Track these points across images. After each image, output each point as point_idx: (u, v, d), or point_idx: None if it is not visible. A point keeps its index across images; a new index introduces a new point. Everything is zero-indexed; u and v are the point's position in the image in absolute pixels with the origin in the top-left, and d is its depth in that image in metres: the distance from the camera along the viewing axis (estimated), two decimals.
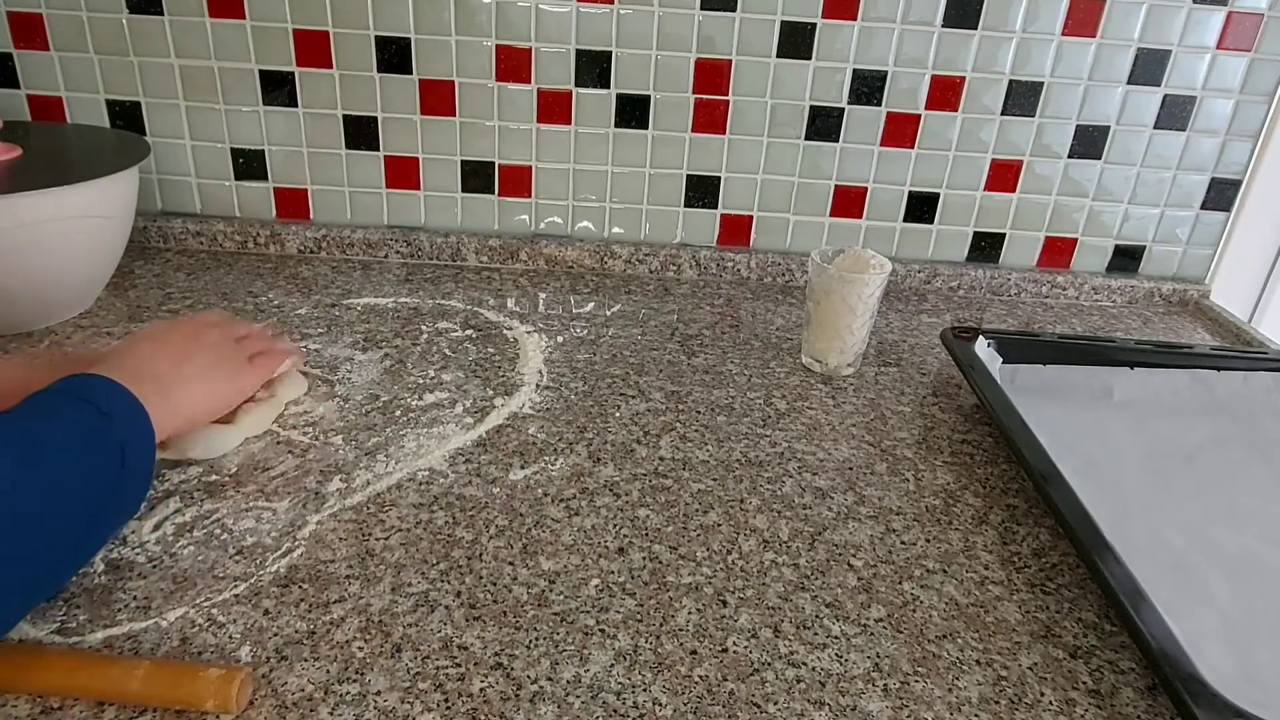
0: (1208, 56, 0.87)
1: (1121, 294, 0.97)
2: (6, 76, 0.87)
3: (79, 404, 0.44)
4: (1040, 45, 0.87)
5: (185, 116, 0.89)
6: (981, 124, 0.90)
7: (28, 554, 0.39)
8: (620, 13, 0.85)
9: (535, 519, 0.53)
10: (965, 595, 0.50)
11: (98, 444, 0.44)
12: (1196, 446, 0.66)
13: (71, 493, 0.42)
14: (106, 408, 0.45)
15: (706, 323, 0.84)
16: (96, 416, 0.44)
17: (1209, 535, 0.55)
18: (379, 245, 0.93)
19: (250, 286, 0.84)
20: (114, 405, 0.46)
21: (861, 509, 0.57)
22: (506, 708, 0.40)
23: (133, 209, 0.78)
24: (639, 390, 0.70)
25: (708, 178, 0.93)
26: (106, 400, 0.46)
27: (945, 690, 0.43)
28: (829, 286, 0.70)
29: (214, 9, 0.85)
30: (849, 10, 0.85)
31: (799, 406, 0.69)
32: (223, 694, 0.39)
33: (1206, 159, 0.92)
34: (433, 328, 0.78)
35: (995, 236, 0.96)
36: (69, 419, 0.44)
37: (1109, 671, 0.45)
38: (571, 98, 0.89)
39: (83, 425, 0.44)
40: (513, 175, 0.93)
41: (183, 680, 0.39)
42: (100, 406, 0.45)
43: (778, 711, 0.41)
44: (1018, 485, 0.61)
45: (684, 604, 0.47)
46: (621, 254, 0.94)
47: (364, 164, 0.92)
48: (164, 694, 0.39)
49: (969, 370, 0.68)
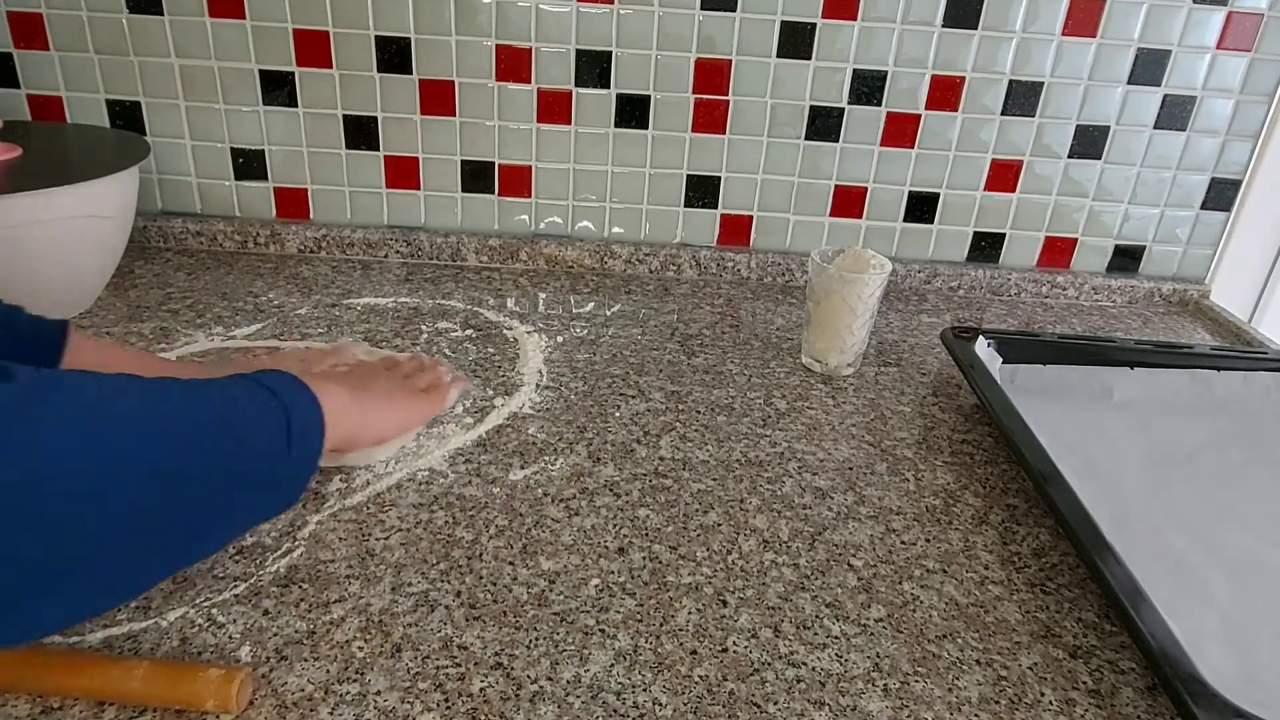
0: (1208, 56, 0.87)
1: (1121, 294, 0.97)
2: (6, 76, 0.87)
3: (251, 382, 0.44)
4: (1040, 45, 0.87)
5: (185, 116, 0.89)
6: (981, 124, 0.90)
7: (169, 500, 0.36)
8: (620, 13, 0.85)
9: (535, 519, 0.53)
10: (965, 595, 0.50)
11: (264, 409, 0.42)
12: (1196, 446, 0.66)
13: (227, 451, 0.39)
14: (278, 389, 0.44)
15: (706, 323, 0.84)
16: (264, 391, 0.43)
17: (1209, 535, 0.55)
18: (379, 245, 0.93)
19: (250, 286, 0.84)
20: (285, 389, 0.45)
21: (861, 509, 0.57)
22: (506, 708, 0.40)
23: (133, 209, 0.78)
24: (639, 390, 0.70)
25: (708, 178, 0.93)
26: (278, 384, 0.45)
27: (945, 690, 0.43)
28: (829, 286, 0.70)
29: (214, 9, 0.85)
30: (849, 10, 0.85)
31: (799, 406, 0.69)
32: (223, 694, 0.39)
33: (1206, 159, 0.92)
34: (433, 328, 0.78)
35: (995, 236, 0.96)
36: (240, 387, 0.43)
37: (1109, 671, 0.45)
38: (571, 98, 0.89)
39: (250, 393, 0.43)
40: (513, 175, 0.93)
41: (183, 680, 0.39)
42: (272, 388, 0.44)
43: (778, 711, 0.41)
44: (1018, 485, 0.61)
45: (684, 604, 0.47)
46: (621, 254, 0.94)
47: (364, 164, 0.92)
48: (164, 694, 0.39)
49: (969, 370, 0.68)
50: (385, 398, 0.58)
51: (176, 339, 0.73)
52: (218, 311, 0.78)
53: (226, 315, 0.78)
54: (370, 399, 0.56)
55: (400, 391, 0.61)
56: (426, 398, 0.62)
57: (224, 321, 0.76)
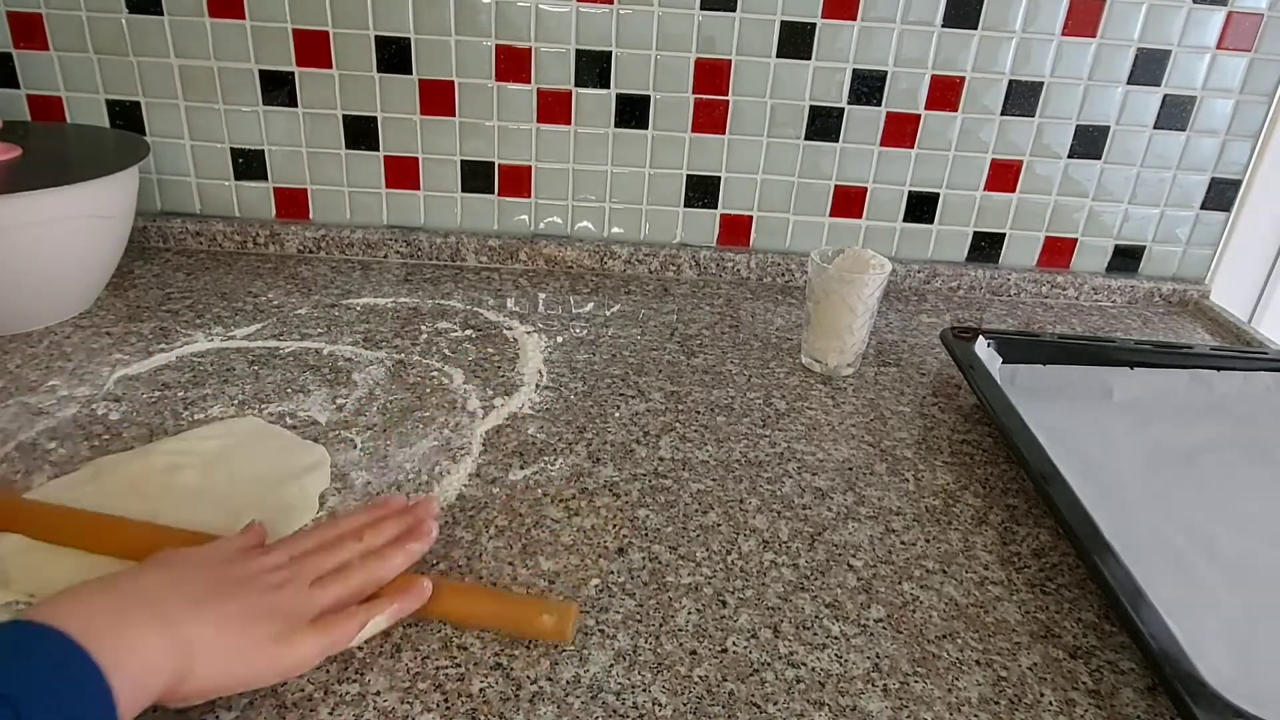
0: (1208, 56, 0.87)
1: (1121, 294, 0.97)
2: (6, 76, 0.87)
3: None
4: (1040, 45, 0.87)
5: (185, 116, 0.89)
6: (981, 124, 0.90)
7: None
8: (620, 13, 0.85)
9: (535, 519, 0.53)
10: (965, 595, 0.50)
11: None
12: (1196, 446, 0.66)
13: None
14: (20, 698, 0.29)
15: (706, 323, 0.84)
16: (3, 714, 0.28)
17: (1209, 535, 0.55)
18: (379, 245, 0.93)
19: (250, 286, 0.84)
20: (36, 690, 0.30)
21: (861, 509, 0.57)
22: (506, 708, 0.40)
23: (132, 209, 0.78)
24: (639, 390, 0.70)
25: (708, 178, 0.93)
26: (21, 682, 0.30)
27: (945, 690, 0.43)
28: (829, 286, 0.70)
29: (214, 9, 0.85)
30: (849, 10, 0.85)
31: (799, 406, 0.69)
32: (562, 622, 0.43)
33: (1206, 159, 0.92)
34: (432, 328, 0.78)
35: (995, 236, 0.96)
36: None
37: (1109, 671, 0.45)
38: (571, 98, 0.89)
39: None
40: (513, 175, 0.92)
41: (529, 608, 0.44)
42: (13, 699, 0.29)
43: (777, 711, 0.41)
44: (1018, 485, 0.61)
45: (684, 604, 0.47)
46: (621, 254, 0.94)
47: (364, 164, 0.92)
48: (513, 617, 0.44)
49: (969, 370, 0.68)
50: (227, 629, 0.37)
51: (176, 339, 0.73)
52: (217, 311, 0.78)
53: (226, 315, 0.78)
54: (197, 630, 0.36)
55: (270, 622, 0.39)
56: (310, 634, 0.39)
57: (224, 321, 0.76)
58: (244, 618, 0.38)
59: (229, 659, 0.37)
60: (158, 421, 0.61)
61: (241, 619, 0.38)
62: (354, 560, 0.44)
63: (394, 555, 0.45)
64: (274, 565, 0.42)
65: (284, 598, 0.40)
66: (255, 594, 0.39)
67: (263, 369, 0.69)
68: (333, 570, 0.43)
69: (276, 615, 0.39)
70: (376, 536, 0.45)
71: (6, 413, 0.61)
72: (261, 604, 0.39)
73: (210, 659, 0.36)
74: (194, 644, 0.36)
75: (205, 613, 0.37)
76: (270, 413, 0.63)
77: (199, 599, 0.38)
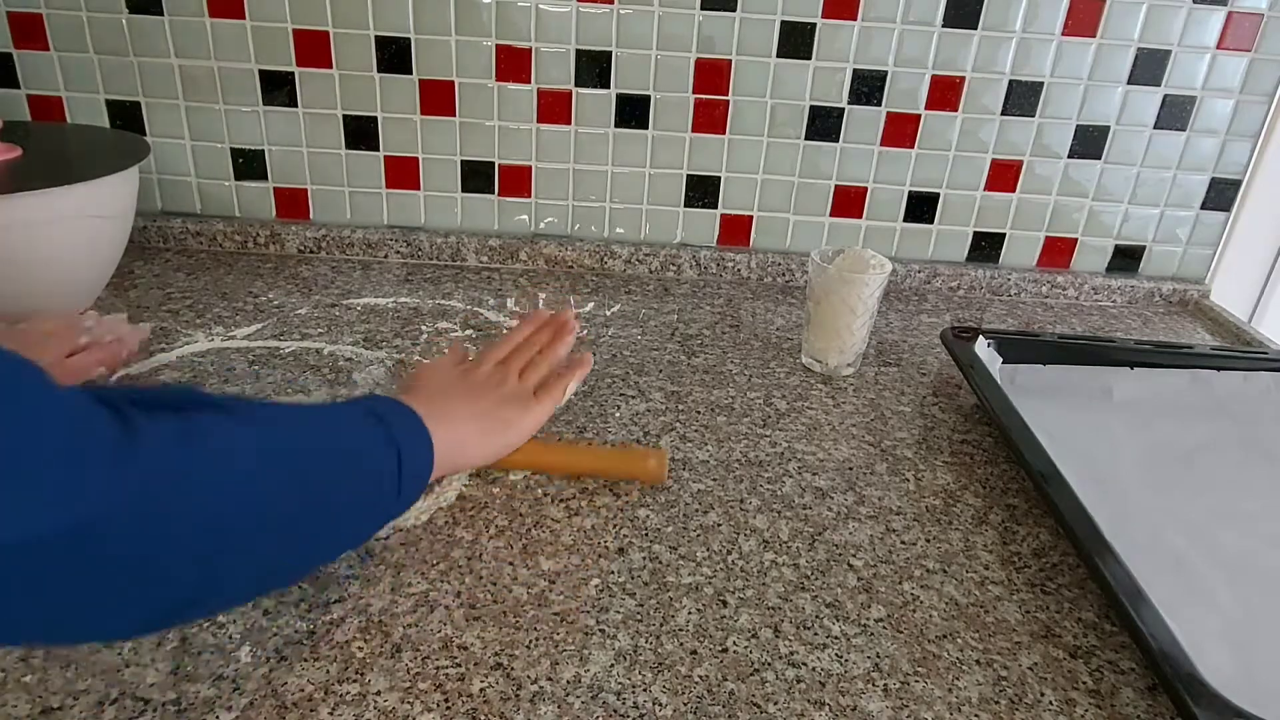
0: (1208, 56, 0.87)
1: (1121, 294, 0.97)
2: (6, 76, 0.87)
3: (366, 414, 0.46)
4: (1040, 45, 0.87)
5: (185, 116, 0.89)
6: (981, 124, 0.90)
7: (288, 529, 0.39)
8: (620, 13, 0.85)
9: (535, 519, 0.53)
10: (965, 595, 0.50)
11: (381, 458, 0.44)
12: (1196, 446, 0.66)
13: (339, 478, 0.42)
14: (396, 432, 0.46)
15: (706, 323, 0.84)
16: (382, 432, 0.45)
17: (1209, 535, 0.55)
18: (379, 245, 0.93)
19: (250, 286, 0.84)
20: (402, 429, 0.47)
21: (861, 509, 0.57)
22: (506, 708, 0.40)
23: (133, 209, 0.78)
24: (639, 390, 0.70)
25: (708, 178, 0.93)
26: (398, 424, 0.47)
27: (945, 690, 0.43)
28: (829, 286, 0.70)
29: (214, 9, 0.85)
30: (849, 10, 0.85)
31: (799, 406, 0.69)
32: (659, 466, 0.56)
33: (1206, 159, 0.92)
34: (433, 328, 0.78)
35: (995, 236, 0.96)
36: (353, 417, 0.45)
37: (1109, 671, 0.45)
38: (571, 98, 0.89)
39: (366, 428, 0.45)
40: (513, 175, 0.93)
41: (633, 457, 0.57)
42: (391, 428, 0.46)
43: (778, 711, 0.41)
44: (1018, 485, 0.61)
45: (684, 604, 0.47)
46: (621, 254, 0.94)
47: (364, 164, 0.92)
48: (618, 466, 0.57)
49: (969, 370, 0.68)
50: (493, 420, 0.54)
51: (176, 339, 0.73)
52: (218, 311, 0.78)
53: (226, 315, 0.78)
54: (479, 424, 0.54)
55: (510, 407, 0.56)
56: (538, 404, 0.57)
57: (224, 321, 0.76)
58: (494, 408, 0.55)
59: (492, 435, 0.54)
60: None
61: (493, 410, 0.55)
62: (535, 356, 0.61)
63: (559, 345, 0.62)
64: (491, 371, 0.58)
65: (509, 389, 0.57)
66: (492, 390, 0.56)
67: (263, 369, 0.69)
68: (527, 364, 0.60)
69: (511, 400, 0.56)
70: (541, 337, 0.63)
71: None
72: (501, 395, 0.56)
73: (478, 439, 0.53)
74: (467, 434, 0.53)
75: (470, 411, 0.54)
76: None
77: (466, 399, 0.54)
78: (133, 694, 0.40)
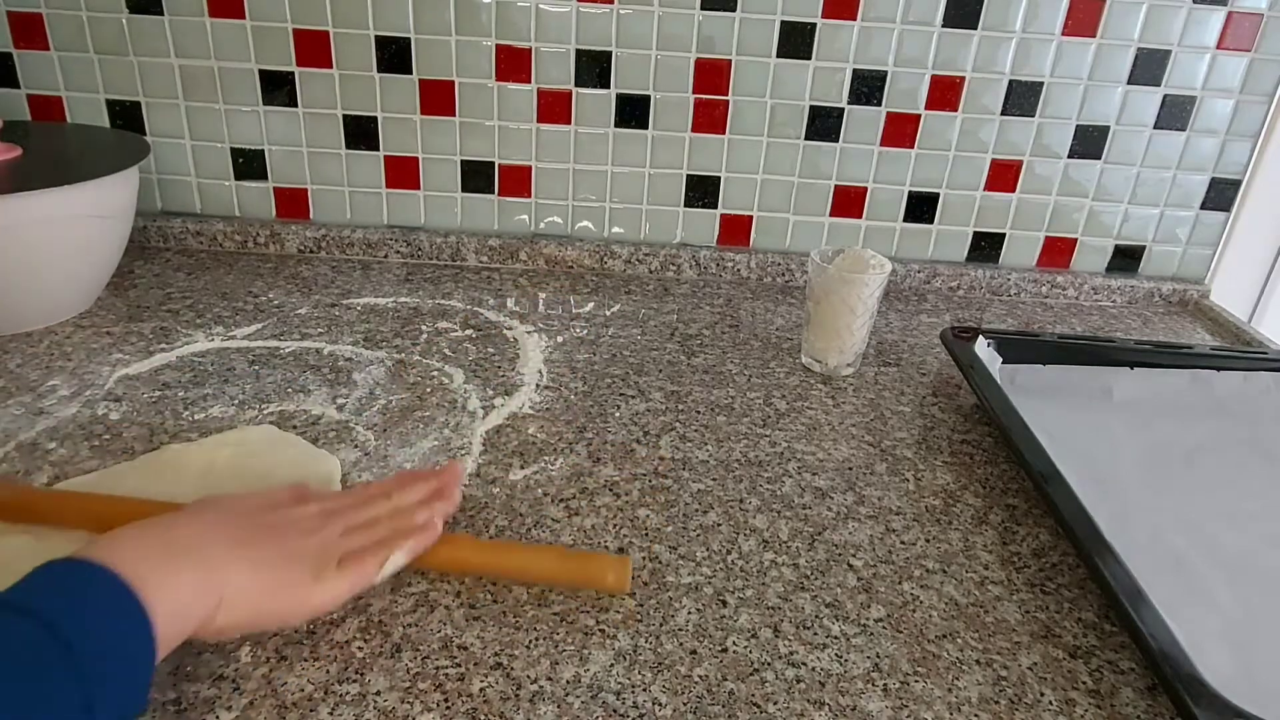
0: (1208, 56, 0.87)
1: (1121, 294, 0.97)
2: (6, 76, 0.87)
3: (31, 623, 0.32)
4: (1040, 45, 0.87)
5: (185, 116, 0.89)
6: (981, 124, 0.90)
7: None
8: (620, 13, 0.85)
9: (535, 519, 0.53)
10: (965, 595, 0.50)
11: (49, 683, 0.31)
12: (1196, 446, 0.66)
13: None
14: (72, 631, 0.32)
15: (706, 323, 0.84)
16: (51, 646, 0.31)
17: (1209, 535, 0.55)
18: (379, 245, 0.93)
19: (250, 286, 0.84)
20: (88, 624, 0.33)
21: (861, 509, 0.57)
22: (506, 708, 0.40)
23: (133, 209, 0.78)
24: (639, 390, 0.70)
25: (708, 178, 0.93)
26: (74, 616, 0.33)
27: (945, 690, 0.43)
28: (829, 286, 0.70)
29: (214, 9, 0.85)
30: (849, 10, 0.85)
31: (799, 406, 0.69)
32: (620, 575, 0.47)
33: (1206, 159, 0.92)
34: (433, 328, 0.78)
35: (995, 236, 0.96)
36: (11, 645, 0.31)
37: (1109, 671, 0.45)
38: (571, 98, 0.89)
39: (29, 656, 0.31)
40: (513, 175, 0.93)
41: (589, 565, 0.47)
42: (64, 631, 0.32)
43: (778, 711, 0.41)
44: (1018, 485, 0.61)
45: (684, 604, 0.47)
46: (621, 254, 0.94)
47: (364, 164, 0.92)
48: (574, 574, 0.47)
49: (969, 370, 0.68)
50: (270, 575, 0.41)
51: (176, 339, 0.73)
52: (218, 311, 0.78)
53: (226, 315, 0.78)
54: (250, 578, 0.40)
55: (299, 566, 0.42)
56: (338, 574, 0.42)
57: (224, 321, 0.76)
58: (276, 560, 0.41)
59: (261, 598, 0.40)
60: (158, 421, 0.61)
61: (274, 562, 0.41)
62: (382, 516, 0.47)
63: (420, 512, 0.48)
64: (308, 515, 0.45)
65: (314, 543, 0.43)
66: (290, 539, 0.43)
67: (263, 369, 0.69)
68: (363, 523, 0.46)
69: (307, 558, 0.42)
70: (405, 496, 0.49)
71: (6, 413, 0.61)
72: (294, 548, 0.42)
73: (244, 598, 0.40)
74: (229, 585, 0.39)
75: (242, 556, 0.40)
76: (270, 412, 0.63)
77: (238, 542, 0.41)
78: None
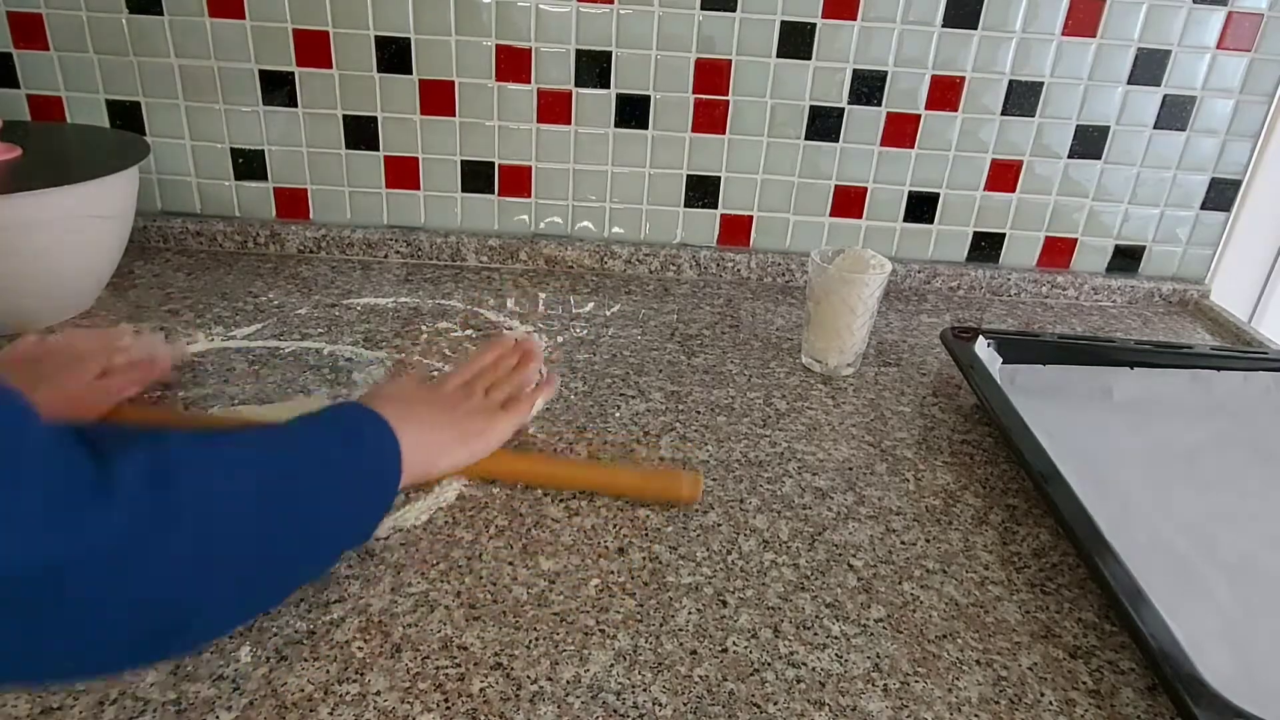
0: (1208, 56, 0.87)
1: (1121, 294, 0.97)
2: (6, 76, 0.87)
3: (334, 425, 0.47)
4: (1040, 45, 0.87)
5: (185, 116, 0.89)
6: (981, 124, 0.90)
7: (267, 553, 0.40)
8: (620, 13, 0.85)
9: (535, 519, 0.53)
10: (965, 595, 0.50)
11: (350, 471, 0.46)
12: (1196, 446, 0.66)
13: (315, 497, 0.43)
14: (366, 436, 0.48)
15: (706, 323, 0.84)
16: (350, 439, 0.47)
17: (1209, 535, 0.55)
18: (379, 245, 0.93)
19: (250, 286, 0.84)
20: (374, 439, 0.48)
21: (861, 509, 0.57)
22: (506, 708, 0.40)
23: (132, 209, 0.78)
24: (639, 390, 0.70)
25: (708, 178, 0.93)
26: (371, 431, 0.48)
27: (945, 690, 0.43)
28: (829, 286, 0.70)
29: (214, 9, 0.85)
30: (849, 10, 0.85)
31: (799, 406, 0.69)
32: (693, 488, 0.55)
33: (1206, 159, 0.92)
34: (432, 328, 0.78)
35: (995, 236, 0.96)
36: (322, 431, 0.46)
37: (1109, 671, 0.45)
38: (571, 98, 0.89)
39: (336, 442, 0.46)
40: (513, 175, 0.93)
41: (669, 479, 0.56)
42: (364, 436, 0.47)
43: (778, 711, 0.41)
44: (1018, 485, 0.61)
45: (684, 604, 0.47)
46: (621, 254, 0.94)
47: (364, 164, 0.92)
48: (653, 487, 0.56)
49: (969, 370, 0.68)
50: (461, 429, 0.55)
51: (176, 339, 0.73)
52: (218, 311, 0.78)
53: (226, 315, 0.78)
54: (448, 433, 0.54)
55: (478, 418, 0.57)
56: (506, 416, 0.58)
57: (224, 321, 0.76)
58: (460, 416, 0.56)
59: (457, 443, 0.55)
60: None
61: (459, 418, 0.56)
62: (501, 376, 0.62)
63: (524, 369, 0.64)
64: (456, 387, 0.59)
65: (476, 403, 0.58)
66: (459, 405, 0.57)
67: (263, 369, 0.69)
68: (492, 384, 0.61)
69: (478, 412, 0.57)
70: (508, 361, 0.64)
71: None
72: (464, 410, 0.57)
73: (446, 447, 0.54)
74: (435, 441, 0.53)
75: (437, 418, 0.55)
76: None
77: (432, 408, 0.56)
78: (133, 694, 0.40)
